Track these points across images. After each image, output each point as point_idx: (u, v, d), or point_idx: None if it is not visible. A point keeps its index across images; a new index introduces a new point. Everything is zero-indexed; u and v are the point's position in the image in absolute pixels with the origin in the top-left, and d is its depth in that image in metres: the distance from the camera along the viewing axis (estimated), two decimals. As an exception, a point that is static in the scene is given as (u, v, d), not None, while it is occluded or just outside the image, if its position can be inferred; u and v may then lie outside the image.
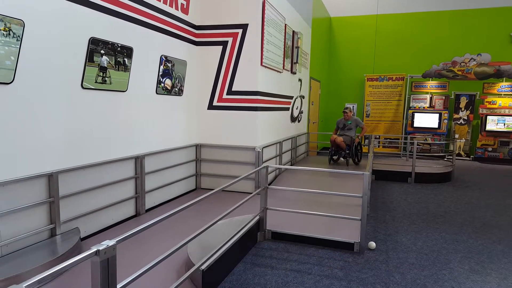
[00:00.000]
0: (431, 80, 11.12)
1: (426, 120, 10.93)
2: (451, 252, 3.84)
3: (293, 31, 7.18)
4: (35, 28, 2.95)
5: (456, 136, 10.85)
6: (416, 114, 11.03)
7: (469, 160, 10.71)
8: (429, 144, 10.90)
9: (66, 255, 2.94)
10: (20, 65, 2.85)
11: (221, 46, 5.54)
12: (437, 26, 11.10)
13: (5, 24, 2.68)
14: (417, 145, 7.67)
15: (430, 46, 11.17)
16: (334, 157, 7.76)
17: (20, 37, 2.81)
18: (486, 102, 10.49)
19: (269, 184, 4.19)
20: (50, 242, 3.16)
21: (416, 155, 7.49)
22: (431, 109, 11.04)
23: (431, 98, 11.12)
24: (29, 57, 2.92)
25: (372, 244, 3.84)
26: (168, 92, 4.89)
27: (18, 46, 2.81)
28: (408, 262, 3.54)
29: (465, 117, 10.83)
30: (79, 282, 2.70)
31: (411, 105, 11.28)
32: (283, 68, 6.69)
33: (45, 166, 3.16)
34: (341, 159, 7.81)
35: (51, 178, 3.18)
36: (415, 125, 11.02)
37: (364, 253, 3.69)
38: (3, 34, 2.68)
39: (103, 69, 3.67)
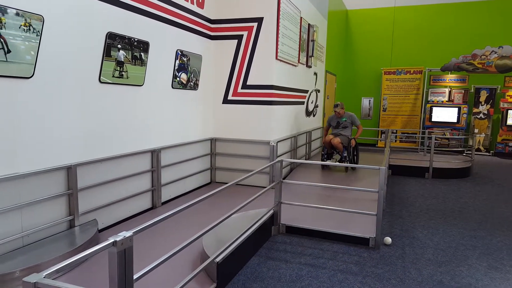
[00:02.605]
0: (450, 74, 10.85)
1: (445, 114, 10.70)
2: (469, 249, 3.76)
3: (309, 24, 7.10)
4: (54, 23, 3.00)
5: (476, 130, 10.58)
6: (434, 108, 10.80)
7: (489, 155, 10.44)
8: (447, 139, 10.68)
9: (84, 246, 3.01)
10: (39, 60, 2.91)
11: (236, 40, 5.53)
12: (456, 17, 10.80)
13: (25, 20, 2.73)
14: (435, 139, 7.52)
15: (449, 39, 10.88)
16: (328, 160, 6.52)
17: (40, 32, 2.87)
18: (507, 96, 10.19)
19: (283, 178, 4.19)
20: (68, 233, 3.24)
21: (434, 150, 7.35)
22: (450, 103, 10.80)
23: (450, 92, 10.87)
24: (48, 52, 2.98)
25: (388, 240, 3.80)
26: (183, 86, 4.92)
27: (38, 41, 2.86)
28: (424, 258, 3.49)
29: (485, 111, 10.55)
30: (96, 272, 2.76)
31: (429, 99, 11.05)
32: (298, 61, 6.64)
33: (64, 158, 3.23)
34: (338, 163, 6.41)
35: (70, 171, 3.25)
36: (433, 119, 10.80)
37: (379, 249, 3.66)
38: (24, 29, 2.73)
39: (120, 63, 3.72)
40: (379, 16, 11.51)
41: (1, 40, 2.59)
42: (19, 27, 2.70)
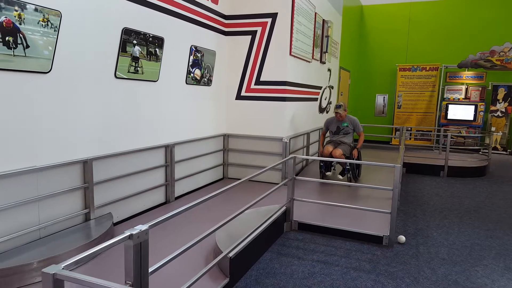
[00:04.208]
0: (467, 71, 10.62)
1: (461, 112, 10.49)
2: (485, 249, 3.69)
3: (323, 20, 7.03)
4: (71, 18, 3.04)
5: (493, 129, 10.35)
6: (450, 106, 10.60)
7: (506, 154, 10.21)
8: (463, 137, 10.47)
9: (99, 239, 3.06)
10: (57, 55, 2.95)
11: (250, 36, 5.52)
12: (474, 13, 10.53)
13: (43, 15, 2.77)
14: (451, 138, 7.38)
15: (466, 35, 10.63)
16: (327, 173, 5.60)
17: (58, 27, 2.91)
18: (527, 93, 9.93)
19: (296, 175, 4.17)
20: (84, 226, 3.30)
21: (450, 148, 7.22)
22: (467, 100, 10.58)
23: (466, 89, 10.64)
24: (66, 47, 3.02)
25: (402, 238, 3.76)
26: (197, 82, 4.93)
27: (56, 37, 2.91)
28: (439, 257, 3.44)
29: (503, 109, 10.30)
30: (110, 265, 2.80)
31: (445, 97, 10.84)
32: (312, 57, 6.59)
33: (80, 153, 3.28)
34: (339, 176, 5.61)
35: (86, 165, 3.30)
36: (449, 117, 10.60)
37: (393, 247, 3.62)
38: (42, 25, 2.77)
39: (135, 59, 3.75)
40: (394, 12, 11.32)
41: (21, 35, 2.63)
42: (38, 23, 2.74)
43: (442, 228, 4.26)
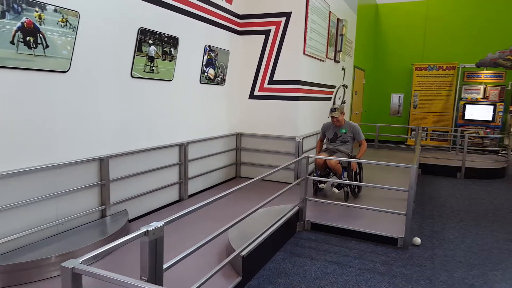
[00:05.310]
0: (486, 70, 10.38)
1: (479, 112, 10.26)
2: (504, 252, 3.61)
3: (338, 19, 6.98)
4: (89, 19, 3.09)
5: (512, 129, 10.10)
6: (467, 106, 10.38)
7: (527, 156, 9.94)
8: (481, 137, 10.25)
9: (115, 235, 3.11)
10: (75, 55, 3.01)
11: (264, 35, 5.52)
12: (493, 11, 10.27)
13: (62, 16, 2.83)
14: (468, 138, 7.23)
15: (485, 33, 10.38)
16: (321, 185, 4.94)
17: (76, 28, 2.97)
18: (548, 93, 9.66)
19: (309, 175, 4.15)
20: (100, 222, 3.36)
21: (467, 149, 7.08)
22: (485, 100, 10.34)
23: (485, 89, 10.41)
24: (83, 47, 3.08)
25: (417, 240, 3.70)
26: (211, 81, 4.96)
27: (74, 37, 2.96)
28: (455, 260, 3.38)
29: (524, 110, 10.03)
30: (124, 260, 2.84)
31: (462, 96, 10.62)
32: (326, 56, 6.55)
33: (97, 150, 3.34)
34: (335, 189, 4.80)
35: (103, 162, 3.36)
36: (467, 117, 10.39)
37: (408, 249, 3.57)
38: (61, 25, 2.84)
39: (151, 58, 3.79)
40: (410, 10, 11.14)
41: (41, 35, 2.70)
42: (57, 23, 2.80)
43: (459, 231, 4.18)
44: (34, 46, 2.67)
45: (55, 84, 2.90)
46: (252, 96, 5.72)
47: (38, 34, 2.68)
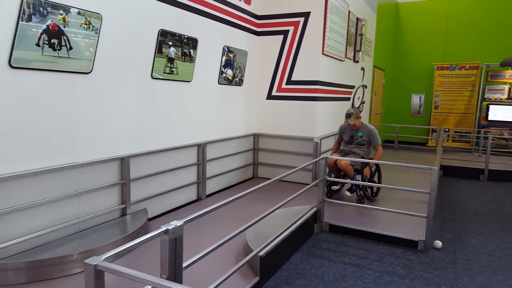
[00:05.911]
0: (511, 69, 10.06)
1: (503, 113, 9.94)
2: (530, 258, 3.49)
3: (357, 18, 6.90)
4: (111, 21, 3.16)
5: (539, 131, 9.75)
6: (491, 106, 10.07)
7: (554, 158, 9.58)
8: (505, 139, 9.93)
9: (135, 233, 3.16)
10: (97, 56, 3.08)
11: (282, 36, 5.51)
12: (520, 8, 9.95)
13: (85, 18, 2.90)
14: (492, 140, 7.02)
15: (509, 31, 10.03)
16: (333, 187, 4.81)
17: (98, 30, 3.04)
18: None
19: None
20: (120, 220, 3.42)
21: (490, 150, 6.87)
22: (510, 101, 10.02)
23: (510, 89, 10.08)
24: (106, 48, 3.15)
25: (438, 243, 3.62)
26: (229, 82, 4.99)
27: (97, 39, 3.03)
28: (478, 265, 3.29)
29: (551, 110, 9.67)
30: (144, 258, 2.89)
31: (485, 97, 10.32)
32: (345, 56, 6.48)
33: (118, 150, 3.41)
34: (347, 193, 4.70)
35: (123, 162, 3.43)
36: (490, 118, 10.08)
37: (428, 252, 3.50)
38: (84, 27, 2.91)
39: (171, 60, 3.84)
40: (432, 9, 10.90)
41: (65, 37, 2.77)
42: (80, 26, 2.87)
43: (482, 234, 4.07)
44: (59, 48, 2.74)
45: (78, 85, 2.98)
46: (269, 96, 5.71)
47: (62, 36, 2.75)
